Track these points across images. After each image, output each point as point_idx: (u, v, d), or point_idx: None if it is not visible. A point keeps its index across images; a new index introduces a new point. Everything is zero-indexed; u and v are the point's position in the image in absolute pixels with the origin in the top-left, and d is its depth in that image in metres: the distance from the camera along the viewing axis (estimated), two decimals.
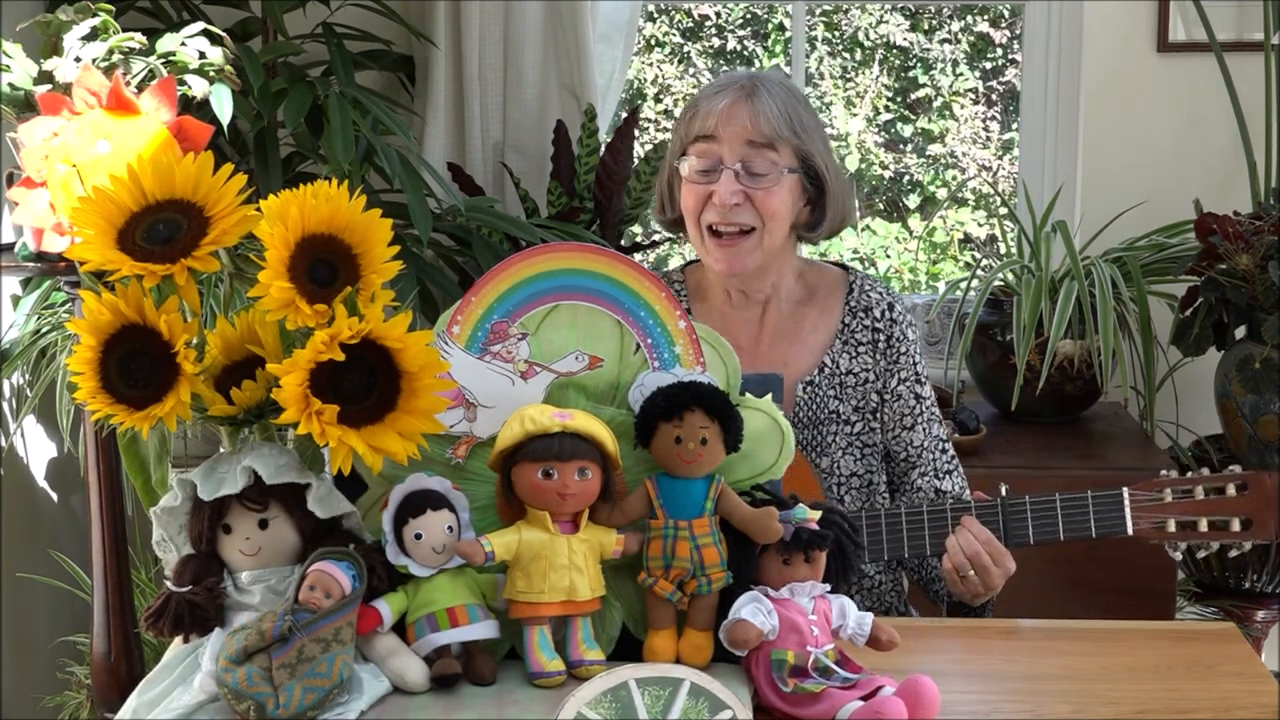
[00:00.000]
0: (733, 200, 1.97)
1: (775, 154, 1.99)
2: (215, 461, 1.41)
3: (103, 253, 1.34)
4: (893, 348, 2.08)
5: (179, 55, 1.97)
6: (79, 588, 2.79)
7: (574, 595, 1.39)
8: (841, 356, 2.08)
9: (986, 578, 1.88)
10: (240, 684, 1.30)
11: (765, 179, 1.98)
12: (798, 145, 2.00)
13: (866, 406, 2.08)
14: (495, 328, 1.49)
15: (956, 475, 2.11)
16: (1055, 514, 1.93)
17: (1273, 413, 2.70)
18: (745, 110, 1.98)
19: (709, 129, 1.99)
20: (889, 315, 2.09)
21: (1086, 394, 2.95)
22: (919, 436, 2.08)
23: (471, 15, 3.00)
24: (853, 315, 2.09)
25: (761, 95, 1.99)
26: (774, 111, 1.98)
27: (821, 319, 2.10)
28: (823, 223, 2.07)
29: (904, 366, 2.08)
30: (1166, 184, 3.17)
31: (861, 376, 2.08)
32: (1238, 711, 1.42)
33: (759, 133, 1.98)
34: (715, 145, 1.99)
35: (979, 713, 1.42)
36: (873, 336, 2.08)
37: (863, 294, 2.10)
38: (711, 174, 2.00)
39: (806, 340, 2.09)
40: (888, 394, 2.08)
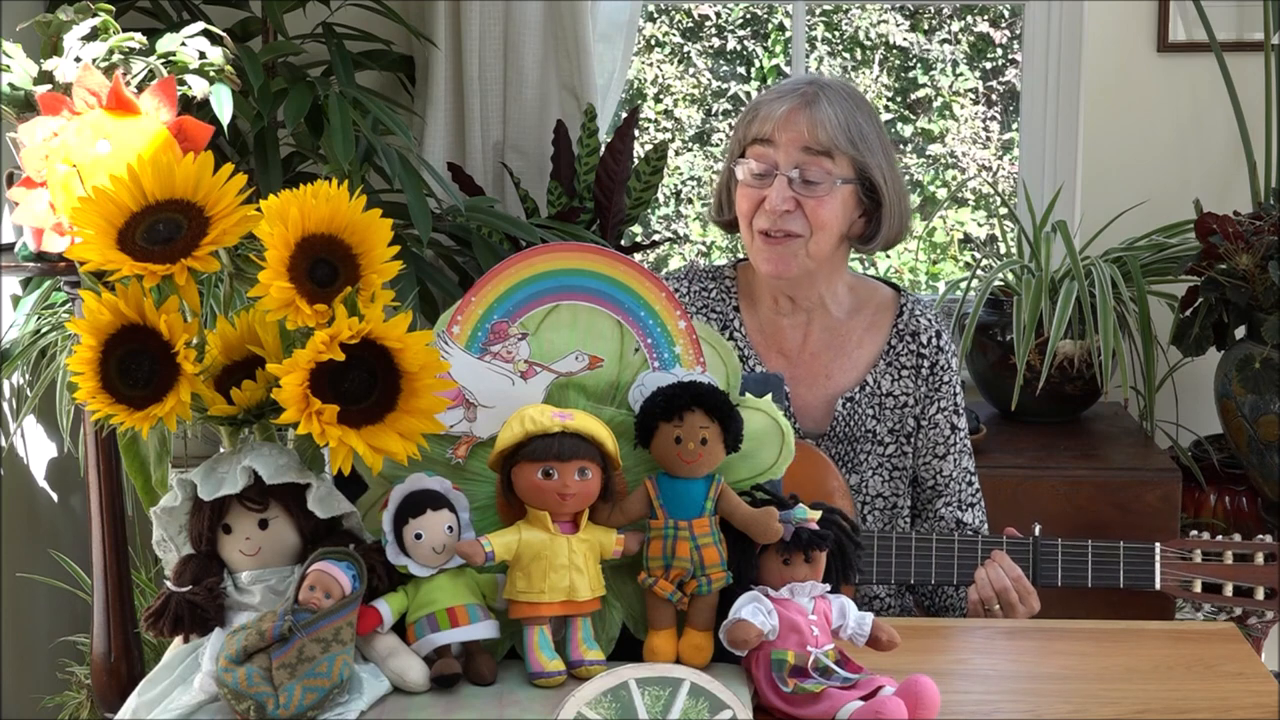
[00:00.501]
0: (783, 206, 1.97)
1: (831, 163, 1.98)
2: (215, 461, 1.41)
3: (103, 253, 1.34)
4: (936, 376, 2.08)
5: (179, 55, 1.97)
6: (79, 588, 2.79)
7: (574, 595, 1.39)
8: (884, 377, 2.08)
9: (1011, 613, 1.90)
10: (240, 684, 1.30)
11: (818, 187, 1.98)
12: (855, 156, 1.99)
13: (902, 430, 2.08)
14: (495, 328, 1.49)
15: (979, 509, 2.12)
16: (1086, 561, 1.96)
17: (1273, 413, 2.70)
18: (804, 117, 1.97)
19: (766, 133, 1.99)
20: (936, 343, 2.09)
21: (1086, 394, 2.95)
22: (949, 466, 2.09)
23: (471, 15, 3.00)
24: (899, 338, 2.09)
25: (821, 103, 1.98)
26: (832, 120, 1.98)
27: (868, 336, 2.10)
28: (878, 235, 2.07)
29: (945, 396, 2.09)
30: (1166, 184, 3.17)
31: (901, 400, 2.08)
32: (1238, 711, 1.42)
33: (815, 140, 1.97)
34: (772, 150, 1.99)
35: (979, 713, 1.42)
36: (917, 362, 2.08)
37: (913, 318, 2.10)
38: (766, 178, 2.00)
39: (851, 355, 2.09)
40: (925, 421, 2.08)
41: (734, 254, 4.79)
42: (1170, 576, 1.93)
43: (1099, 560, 1.95)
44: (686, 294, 2.14)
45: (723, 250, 4.86)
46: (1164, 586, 1.94)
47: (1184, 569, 1.93)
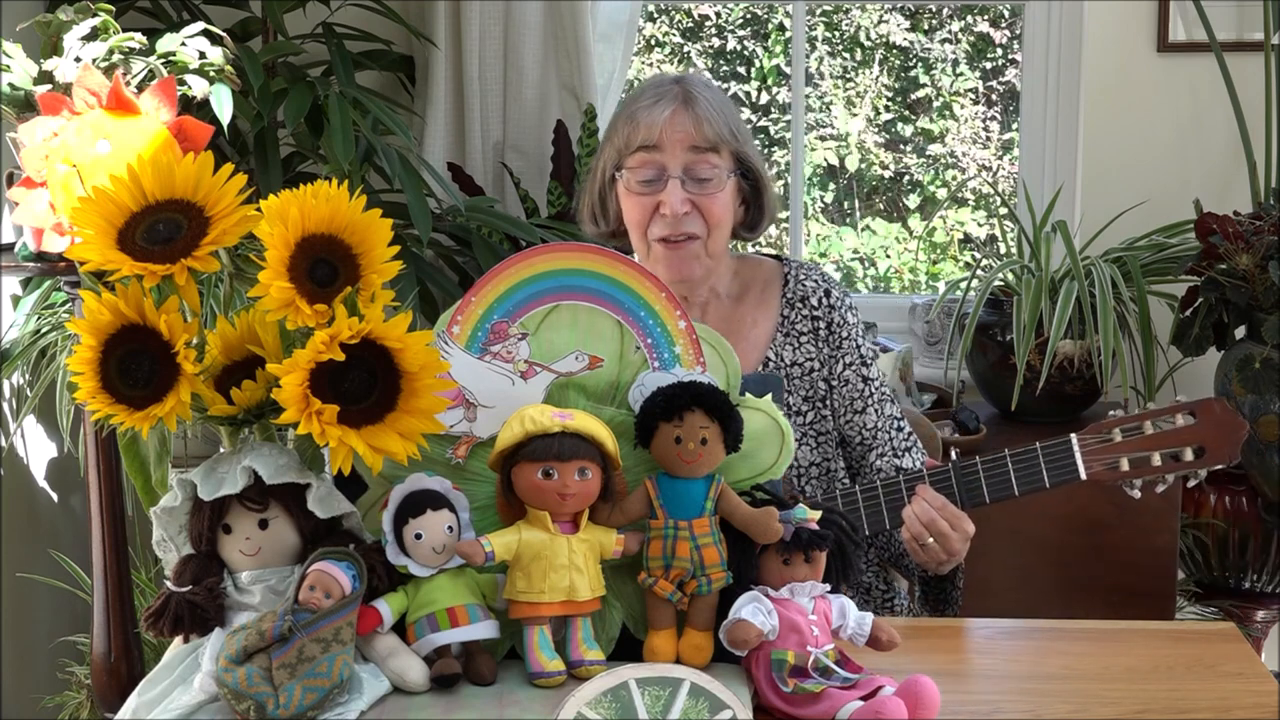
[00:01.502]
0: (683, 209, 1.97)
1: (717, 157, 1.99)
2: (215, 461, 1.41)
3: (103, 253, 1.34)
4: (834, 333, 2.08)
5: (179, 55, 1.97)
6: (79, 588, 2.79)
7: (574, 595, 1.39)
8: (785, 349, 2.08)
9: (946, 543, 1.87)
10: (240, 684, 1.30)
11: (709, 184, 1.99)
12: (735, 147, 2.01)
13: (815, 395, 2.08)
14: (495, 328, 1.49)
15: (916, 452, 2.11)
16: (1007, 470, 1.92)
17: (1273, 413, 2.70)
18: (686, 117, 1.98)
19: (652, 139, 1.98)
20: (826, 301, 2.09)
21: (1086, 394, 2.95)
22: (871, 419, 2.09)
23: (471, 15, 3.00)
24: (790, 306, 2.10)
25: (699, 100, 1.99)
26: (714, 115, 1.99)
27: (761, 313, 2.11)
28: (761, 221, 2.09)
29: (847, 351, 2.08)
30: (1166, 184, 3.17)
31: (807, 366, 2.08)
32: (1238, 711, 1.42)
33: (702, 137, 1.97)
34: (658, 154, 1.98)
35: (979, 713, 1.42)
36: (813, 325, 2.08)
37: (798, 284, 2.10)
38: (655, 183, 1.99)
39: (748, 337, 2.09)
40: (835, 380, 2.08)
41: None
42: (1095, 462, 1.88)
43: (1020, 466, 1.92)
44: None
45: None
46: (1091, 474, 1.88)
47: (1107, 451, 1.88)
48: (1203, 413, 1.86)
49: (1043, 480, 1.90)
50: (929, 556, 1.89)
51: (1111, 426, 1.89)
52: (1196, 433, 1.85)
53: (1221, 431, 1.85)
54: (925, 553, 1.88)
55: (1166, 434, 1.87)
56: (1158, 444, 1.87)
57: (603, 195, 2.08)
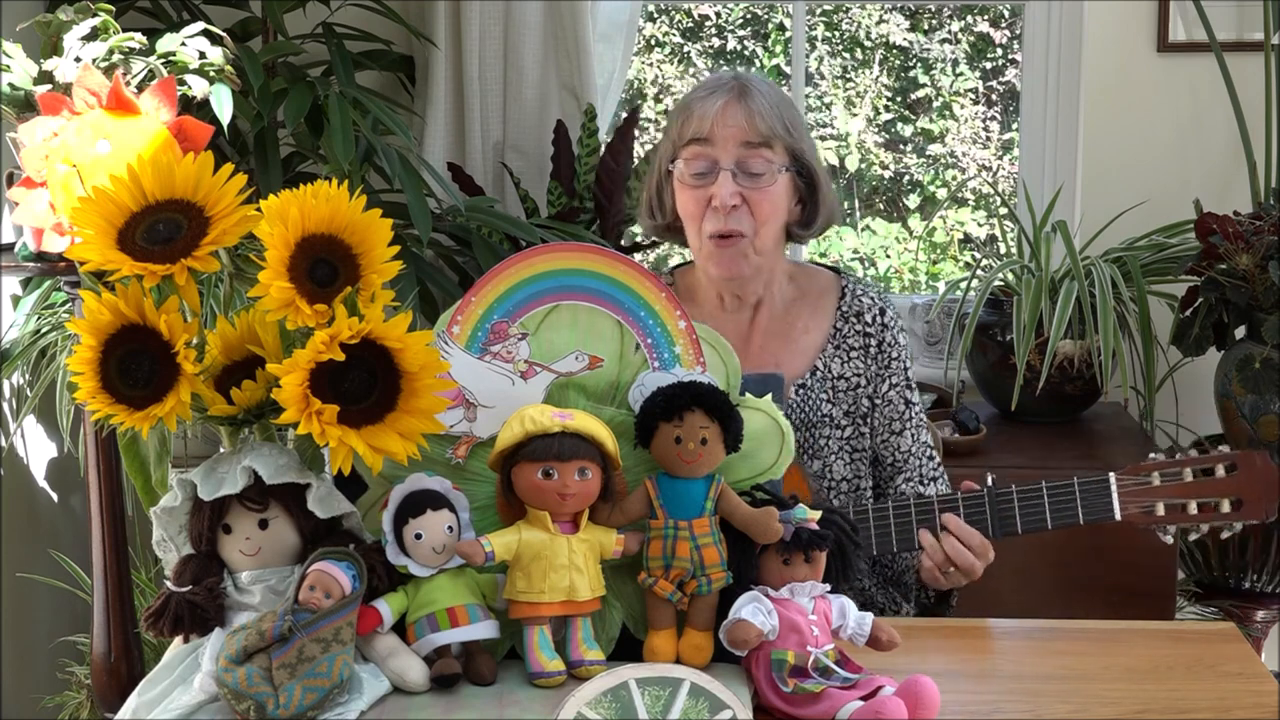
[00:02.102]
0: (731, 201, 1.97)
1: (770, 152, 1.99)
2: (215, 461, 1.41)
3: (103, 253, 1.34)
4: (884, 353, 2.08)
5: (179, 55, 1.97)
6: (79, 588, 2.79)
7: (574, 595, 1.39)
8: (833, 360, 2.08)
9: (970, 573, 1.88)
10: (240, 684, 1.30)
11: (762, 179, 1.98)
12: (790, 143, 2.01)
13: (857, 411, 2.08)
14: (495, 328, 1.49)
15: (941, 483, 2.12)
16: (1042, 503, 1.92)
17: (1273, 413, 2.70)
18: (740, 110, 1.98)
19: (704, 131, 1.99)
20: (880, 320, 2.09)
21: (1086, 394, 2.95)
22: (907, 442, 2.09)
23: (471, 15, 3.00)
24: (844, 320, 2.10)
25: (754, 95, 1.99)
26: (767, 110, 1.99)
27: (813, 322, 2.11)
28: (815, 220, 2.08)
29: (895, 371, 2.09)
30: (1166, 184, 3.17)
31: (853, 381, 2.08)
32: (1238, 711, 1.42)
33: (755, 132, 1.97)
34: (710, 148, 1.99)
35: (979, 713, 1.42)
36: (864, 341, 2.08)
37: (855, 299, 2.10)
38: (707, 176, 1.99)
39: (798, 342, 2.09)
40: (878, 399, 2.08)
41: None
42: (1131, 504, 1.88)
43: (1056, 501, 1.91)
44: None
45: None
46: (1125, 516, 1.88)
47: (1143, 495, 1.87)
48: (1244, 465, 1.86)
49: (1077, 516, 1.90)
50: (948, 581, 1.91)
51: (1150, 469, 1.89)
52: (1236, 484, 1.85)
53: (1261, 486, 1.85)
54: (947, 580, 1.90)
55: (1205, 483, 1.87)
56: (1195, 492, 1.87)
57: (659, 188, 2.09)
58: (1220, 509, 1.85)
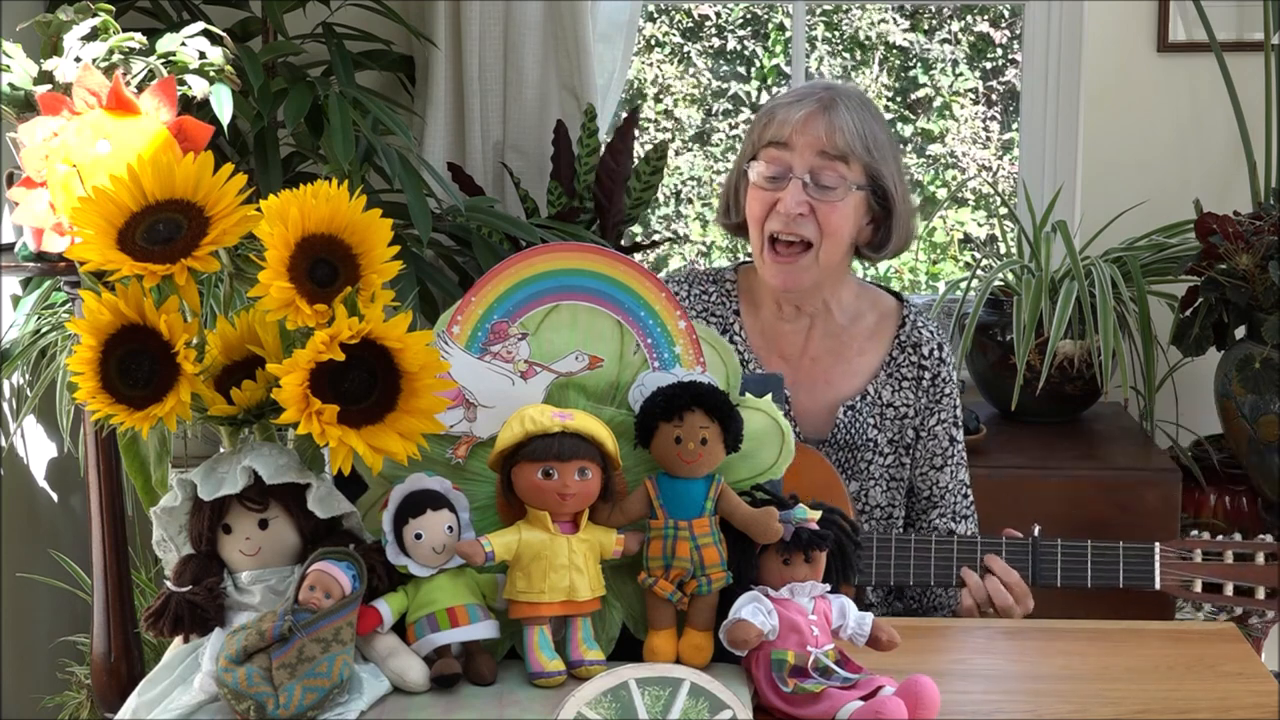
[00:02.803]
0: (797, 210, 1.97)
1: (845, 168, 1.98)
2: (215, 461, 1.41)
3: (103, 253, 1.34)
4: (937, 388, 2.08)
5: (179, 55, 1.97)
6: (79, 588, 2.79)
7: (574, 595, 1.39)
8: (885, 388, 2.07)
9: (1007, 615, 1.90)
10: (240, 684, 1.30)
11: (833, 192, 1.98)
12: (869, 163, 1.99)
13: (901, 441, 2.08)
14: (495, 328, 1.49)
15: (972, 522, 2.12)
16: (1085, 562, 1.95)
17: (1273, 413, 2.70)
18: (821, 122, 1.97)
19: (783, 136, 1.98)
20: (938, 355, 2.09)
21: (1086, 394, 2.95)
22: (946, 478, 2.09)
23: (471, 15, 3.00)
24: (901, 349, 2.09)
25: (839, 109, 1.99)
26: (849, 126, 1.98)
27: (870, 345, 2.10)
28: (887, 244, 2.07)
29: (945, 408, 2.09)
30: (1166, 184, 3.17)
31: (901, 410, 2.08)
32: (1238, 711, 1.42)
33: (832, 145, 1.97)
34: (787, 153, 1.98)
35: (979, 713, 1.42)
36: (918, 373, 2.08)
37: (915, 329, 2.10)
38: (779, 181, 1.99)
39: (853, 363, 2.09)
40: (924, 432, 2.08)
41: (733, 254, 4.79)
42: (1170, 576, 1.92)
43: (1098, 561, 1.95)
44: (686, 297, 2.13)
45: (722, 250, 4.86)
46: (1164, 586, 1.93)
47: (1184, 569, 1.92)
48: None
49: (1117, 580, 1.95)
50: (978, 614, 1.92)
51: (1194, 546, 1.94)
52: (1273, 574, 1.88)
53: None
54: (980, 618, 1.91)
55: (1245, 569, 1.90)
56: (1235, 575, 1.91)
57: (736, 186, 2.09)
58: (1256, 595, 1.88)
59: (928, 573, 1.96)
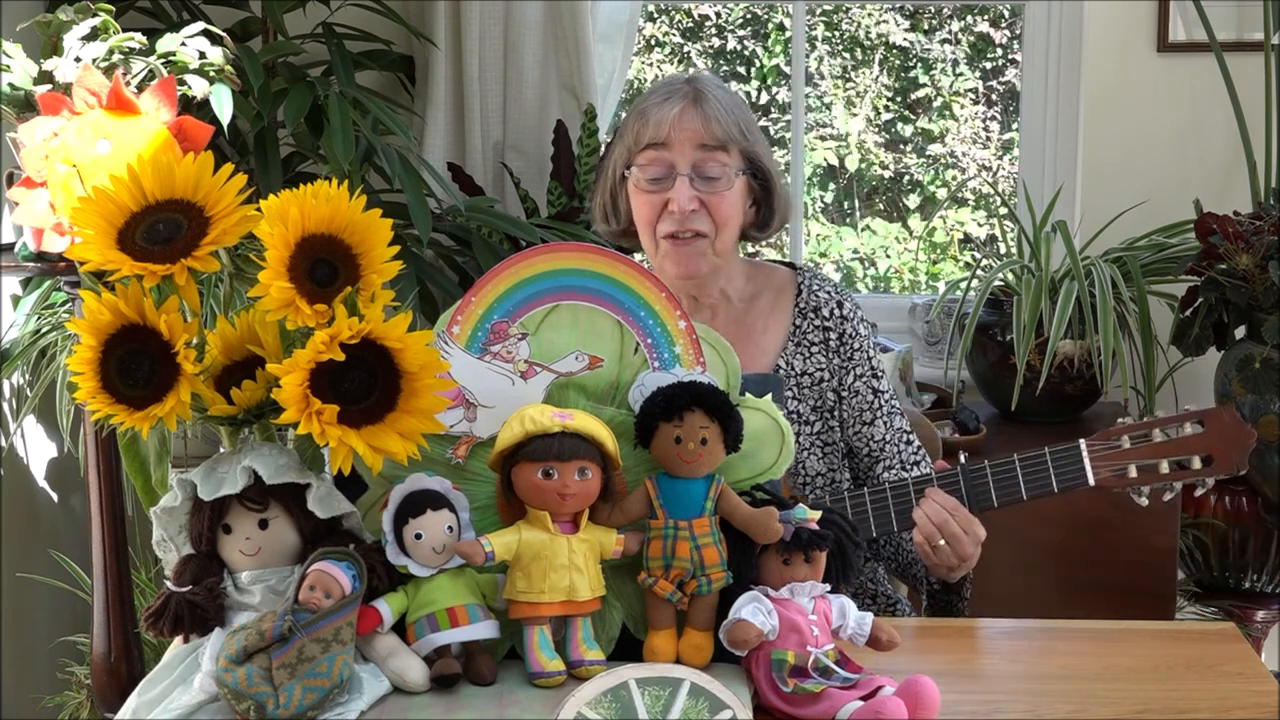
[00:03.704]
0: (690, 206, 1.97)
1: (726, 156, 1.99)
2: (215, 461, 1.41)
3: (103, 253, 1.34)
4: (845, 345, 2.08)
5: (179, 55, 1.97)
6: (79, 588, 2.79)
7: (574, 595, 1.39)
8: (795, 358, 2.08)
9: (958, 546, 1.86)
10: (240, 684, 1.30)
11: (719, 182, 1.98)
12: (745, 146, 2.01)
13: (824, 405, 2.08)
14: (495, 328, 1.49)
15: (924, 465, 2.11)
16: (1015, 474, 1.92)
17: (1273, 413, 2.70)
18: (695, 115, 1.97)
19: (661, 136, 1.98)
20: (839, 313, 2.09)
21: (1086, 394, 2.95)
22: (880, 431, 2.09)
23: (471, 15, 3.00)
24: (803, 316, 2.09)
25: (709, 99, 1.99)
26: (722, 114, 1.98)
27: (772, 319, 2.10)
28: (771, 221, 2.08)
29: (859, 363, 2.08)
30: (1166, 184, 3.17)
31: (816, 376, 2.08)
32: (1238, 711, 1.42)
33: (711, 136, 1.97)
34: (666, 152, 1.98)
35: (979, 713, 1.42)
36: (824, 336, 2.08)
37: (811, 294, 2.10)
38: (664, 181, 1.99)
39: (759, 342, 2.09)
40: (844, 391, 2.08)
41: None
42: (1103, 469, 1.89)
43: (1029, 471, 1.92)
44: None
45: None
46: (1099, 480, 1.89)
47: (1115, 458, 1.89)
48: (1211, 421, 1.87)
49: (1051, 485, 1.91)
50: (940, 560, 1.88)
51: (1120, 434, 1.90)
52: (1204, 441, 1.86)
53: (1229, 441, 1.86)
54: (936, 555, 1.87)
55: (1174, 442, 1.88)
56: (1166, 452, 1.88)
57: (614, 194, 2.09)
58: (1191, 465, 1.86)
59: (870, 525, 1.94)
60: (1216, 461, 1.86)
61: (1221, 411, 1.88)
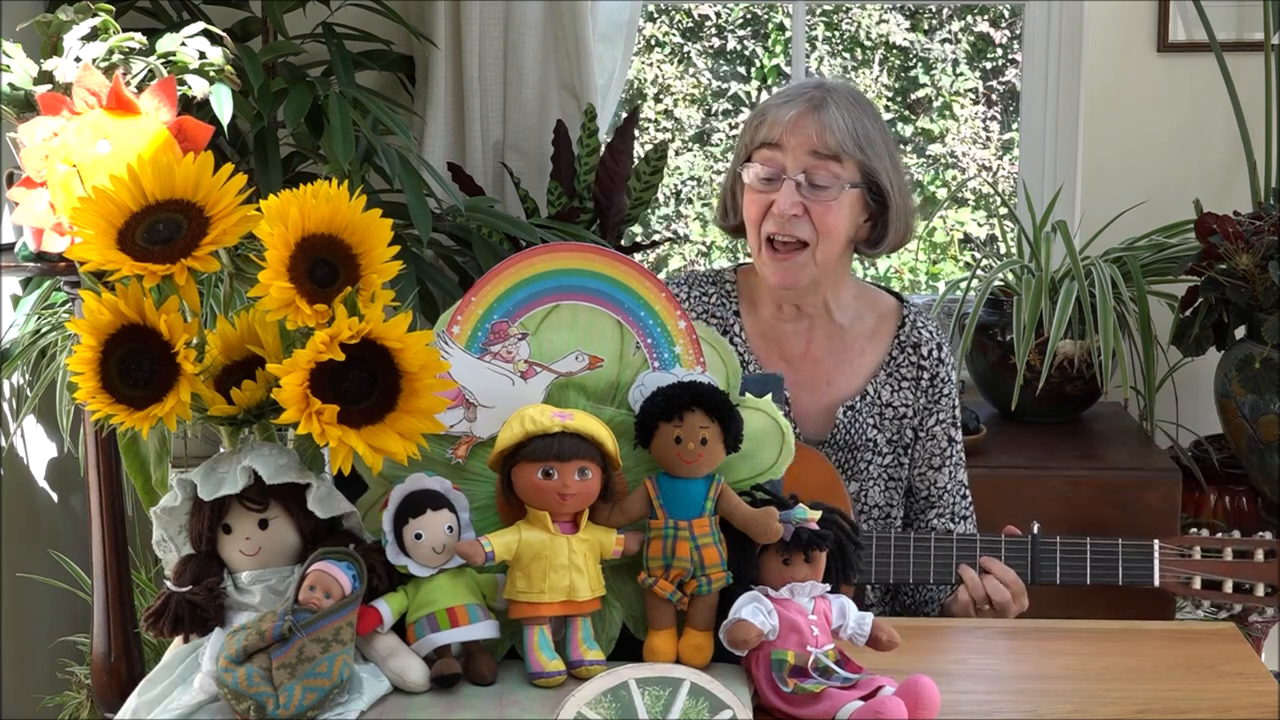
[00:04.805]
0: (791, 211, 1.97)
1: (839, 167, 1.98)
2: (215, 461, 1.41)
3: (103, 253, 1.34)
4: (935, 388, 2.08)
5: (179, 55, 1.97)
6: (79, 588, 2.79)
7: (574, 595, 1.39)
8: (884, 388, 2.08)
9: (1003, 614, 1.90)
10: (240, 684, 1.30)
11: (826, 192, 1.97)
12: (862, 160, 1.99)
13: (900, 441, 2.08)
14: (495, 328, 1.49)
15: (970, 523, 2.12)
16: (1084, 559, 1.95)
17: (1273, 413, 2.70)
18: (811, 121, 1.97)
19: (775, 137, 1.98)
20: (937, 355, 2.09)
21: (1086, 394, 2.95)
22: (944, 479, 2.09)
23: (471, 15, 3.00)
24: (901, 349, 2.09)
25: (829, 107, 1.98)
26: (840, 125, 1.97)
27: (870, 345, 2.10)
28: (884, 240, 2.07)
29: (944, 408, 2.09)
30: (1166, 184, 3.17)
31: (900, 410, 2.08)
32: (1238, 711, 1.42)
33: (824, 144, 1.97)
34: (779, 154, 1.98)
35: (979, 713, 1.42)
36: (918, 373, 2.08)
37: (914, 329, 2.10)
38: (773, 182, 1.99)
39: (853, 364, 2.09)
40: (923, 432, 2.08)
41: (733, 254, 4.79)
42: (1169, 573, 1.92)
43: (1097, 558, 1.95)
44: (686, 299, 2.13)
45: (723, 250, 4.86)
46: (1163, 584, 1.93)
47: (1183, 566, 1.92)
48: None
49: (1117, 577, 1.95)
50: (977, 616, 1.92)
51: (1193, 543, 1.94)
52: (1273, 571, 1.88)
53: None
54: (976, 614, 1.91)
55: (1244, 565, 1.90)
56: (1234, 572, 1.91)
57: (732, 189, 2.09)
58: (1255, 592, 1.88)
59: (927, 570, 1.96)
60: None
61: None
